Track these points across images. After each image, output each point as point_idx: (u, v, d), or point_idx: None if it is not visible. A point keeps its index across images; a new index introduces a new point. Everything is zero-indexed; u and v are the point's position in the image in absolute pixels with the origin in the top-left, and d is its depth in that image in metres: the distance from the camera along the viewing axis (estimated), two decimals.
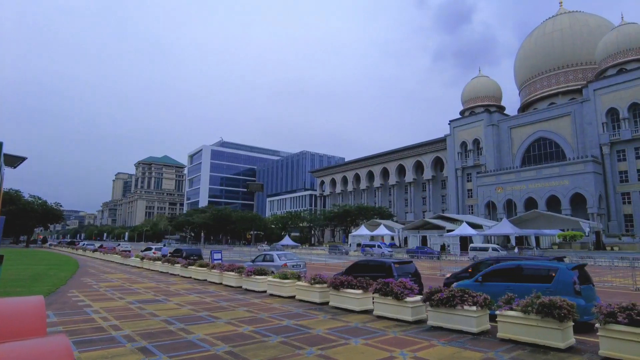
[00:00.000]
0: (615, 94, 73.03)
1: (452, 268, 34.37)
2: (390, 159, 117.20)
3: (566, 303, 8.40)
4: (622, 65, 76.20)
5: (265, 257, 24.90)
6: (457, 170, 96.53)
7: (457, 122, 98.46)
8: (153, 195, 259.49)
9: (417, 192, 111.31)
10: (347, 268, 17.45)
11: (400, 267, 16.01)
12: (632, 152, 71.26)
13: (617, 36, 77.85)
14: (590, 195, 69.63)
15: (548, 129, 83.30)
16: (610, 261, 37.35)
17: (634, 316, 7.40)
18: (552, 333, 8.42)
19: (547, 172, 75.96)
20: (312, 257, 49.98)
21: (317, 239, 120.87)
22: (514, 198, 78.39)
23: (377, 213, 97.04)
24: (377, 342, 9.16)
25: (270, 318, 12.05)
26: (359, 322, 11.42)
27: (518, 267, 12.07)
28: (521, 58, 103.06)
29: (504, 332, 9.23)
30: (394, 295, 11.57)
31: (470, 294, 10.20)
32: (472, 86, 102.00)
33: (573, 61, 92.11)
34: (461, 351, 8.42)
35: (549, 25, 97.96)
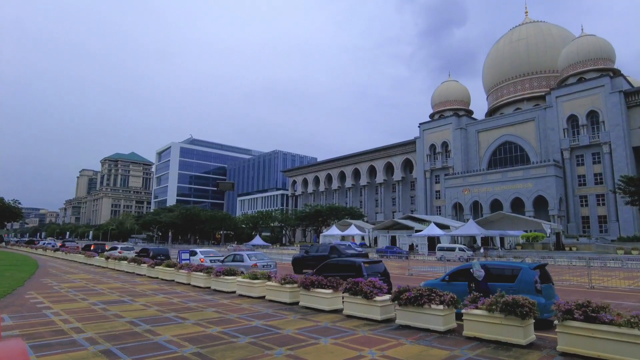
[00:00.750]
0: (575, 101, 76.41)
1: (420, 268, 35.03)
2: (361, 159, 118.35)
3: (528, 301, 8.71)
4: (581, 74, 79.81)
5: (234, 257, 24.61)
6: (426, 172, 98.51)
7: (427, 125, 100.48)
8: (119, 193, 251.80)
9: (387, 193, 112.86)
10: (318, 268, 17.48)
11: (370, 266, 16.20)
12: (590, 157, 74.73)
13: (577, 47, 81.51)
14: (551, 197, 72.53)
15: (513, 133, 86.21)
16: (569, 261, 39.01)
17: (589, 313, 7.77)
18: (515, 330, 8.72)
19: (512, 175, 78.59)
20: (283, 257, 49.76)
21: (289, 239, 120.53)
22: (480, 200, 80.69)
23: (348, 213, 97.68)
24: (346, 342, 9.22)
25: (239, 319, 11.92)
26: (329, 321, 11.47)
27: (484, 267, 12.42)
28: (489, 64, 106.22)
29: (469, 330, 9.48)
30: (364, 295, 11.68)
31: (438, 293, 10.42)
32: (441, 90, 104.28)
33: (537, 69, 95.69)
34: (428, 349, 8.59)
35: (515, 33, 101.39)
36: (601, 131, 72.73)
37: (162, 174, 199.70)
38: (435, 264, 38.83)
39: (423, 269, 33.62)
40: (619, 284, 22.48)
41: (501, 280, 11.60)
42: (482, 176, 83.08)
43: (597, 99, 73.57)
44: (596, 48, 79.35)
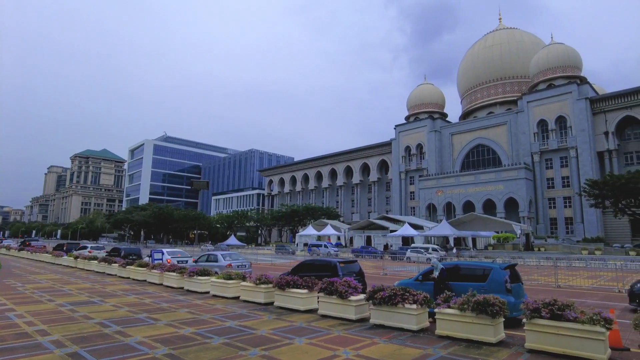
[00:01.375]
0: (545, 106, 78.93)
1: (394, 267, 35.45)
2: (338, 160, 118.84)
3: (498, 301, 8.95)
4: (551, 80, 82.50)
5: (208, 257, 24.29)
6: (401, 173, 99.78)
7: (402, 127, 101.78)
8: (90, 190, 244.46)
9: (363, 193, 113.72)
10: (293, 268, 17.45)
11: (345, 266, 16.27)
12: (558, 160, 77.36)
13: (548, 54, 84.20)
14: (522, 199, 74.68)
15: (486, 136, 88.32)
16: (537, 261, 40.26)
17: (555, 311, 8.05)
18: (485, 329, 8.94)
19: (484, 177, 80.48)
20: (259, 257, 49.45)
21: (264, 239, 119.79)
22: (453, 201, 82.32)
23: (324, 213, 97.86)
24: (321, 341, 9.24)
25: (213, 319, 11.78)
26: (304, 321, 11.46)
27: (456, 266, 12.70)
28: (463, 69, 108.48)
29: (441, 329, 9.66)
30: (339, 294, 11.73)
31: (411, 293, 10.57)
32: (417, 93, 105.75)
33: (510, 74, 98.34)
34: (402, 348, 8.70)
35: (489, 39, 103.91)
36: (569, 136, 75.38)
37: (135, 171, 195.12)
38: (408, 264, 39.38)
39: (397, 269, 34.04)
40: (583, 282, 23.39)
41: (473, 280, 11.86)
42: (455, 178, 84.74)
43: (565, 105, 76.21)
44: (564, 56, 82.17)
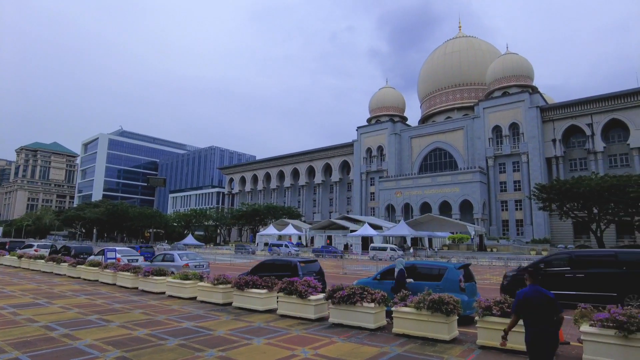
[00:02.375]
0: (499, 113, 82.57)
1: (354, 267, 35.90)
2: (301, 160, 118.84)
3: (452, 299, 9.27)
4: (505, 88, 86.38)
5: (164, 256, 23.62)
6: (362, 174, 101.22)
7: (364, 129, 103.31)
8: (38, 185, 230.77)
9: (325, 193, 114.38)
10: (253, 268, 17.29)
11: (306, 266, 16.30)
12: (511, 165, 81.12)
13: (503, 63, 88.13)
14: (476, 202, 77.71)
15: (444, 140, 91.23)
16: (490, 261, 42.05)
17: (505, 309, 8.45)
18: (440, 327, 9.23)
19: (441, 180, 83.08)
20: (217, 257, 48.59)
21: (223, 239, 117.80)
22: (411, 202, 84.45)
23: (286, 213, 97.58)
24: (279, 341, 9.21)
25: (169, 320, 11.46)
26: (263, 321, 11.38)
27: (413, 266, 13.03)
28: (424, 74, 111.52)
29: (398, 327, 9.87)
30: (299, 294, 11.74)
31: (369, 292, 10.74)
32: (379, 96, 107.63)
33: (468, 80, 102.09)
34: (359, 347, 8.83)
35: (449, 45, 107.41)
36: (520, 142, 79.21)
37: (88, 166, 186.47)
38: (368, 263, 39.99)
39: (357, 268, 34.47)
40: None
41: (429, 279, 12.22)
42: (414, 180, 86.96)
43: (518, 113, 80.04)
44: (518, 66, 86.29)
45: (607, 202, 54.42)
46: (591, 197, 54.93)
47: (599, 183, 54.19)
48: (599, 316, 7.58)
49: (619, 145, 73.71)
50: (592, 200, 55.40)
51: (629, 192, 50.84)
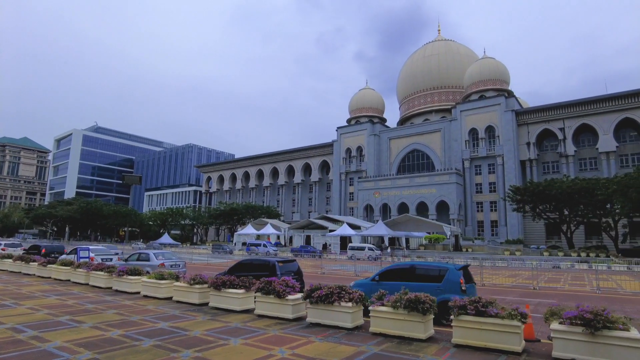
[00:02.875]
0: (476, 116, 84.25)
1: (332, 266, 36.02)
2: (280, 159, 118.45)
3: (429, 298, 9.41)
4: (482, 92, 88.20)
5: (140, 256, 23.17)
6: (342, 174, 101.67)
7: (344, 130, 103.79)
8: (6, 182, 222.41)
9: (304, 193, 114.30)
10: (230, 267, 17.15)
11: (284, 265, 16.27)
12: (486, 167, 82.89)
13: (480, 67, 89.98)
14: (452, 203, 79.07)
15: (422, 142, 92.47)
16: (465, 261, 42.73)
17: (479, 308, 8.64)
18: (416, 326, 9.36)
19: (418, 181, 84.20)
20: (194, 257, 47.96)
21: (200, 238, 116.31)
22: (389, 202, 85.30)
23: (264, 212, 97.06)
24: (256, 341, 9.16)
25: (143, 321, 11.24)
26: (240, 322, 11.30)
27: (412, 267, 12.93)
28: (403, 76, 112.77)
29: (375, 326, 9.96)
30: (276, 294, 11.70)
31: (347, 291, 10.79)
32: (358, 97, 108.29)
33: (446, 83, 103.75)
34: (336, 346, 8.87)
35: (428, 48, 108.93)
36: (496, 145, 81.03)
37: (61, 163, 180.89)
38: (346, 263, 40.19)
39: (335, 268, 34.61)
40: (504, 281, 25.29)
41: (428, 280, 11.97)
42: (392, 180, 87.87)
43: (494, 116, 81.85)
44: (494, 70, 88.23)
45: (577, 204, 56.34)
46: (562, 199, 56.76)
47: (570, 186, 56.05)
48: (568, 314, 7.83)
49: (588, 150, 76.26)
50: (563, 202, 57.25)
51: (597, 195, 52.74)
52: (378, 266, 37.20)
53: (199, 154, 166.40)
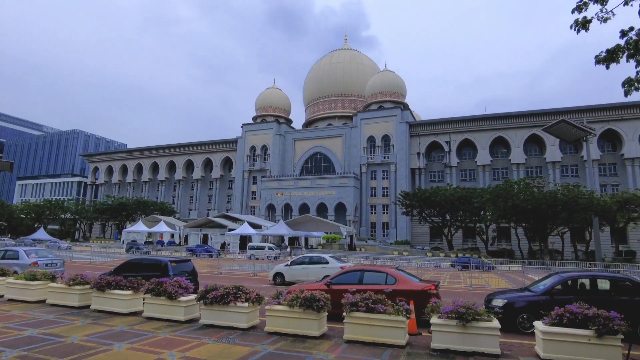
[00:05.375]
0: (374, 125, 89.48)
1: (230, 266, 35.27)
2: (179, 152, 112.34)
3: (324, 296, 9.73)
4: (381, 103, 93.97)
5: (5, 253, 20.25)
6: (245, 172, 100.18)
7: (249, 127, 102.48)
8: None
9: (204, 190, 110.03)
10: (117, 267, 15.86)
11: (177, 265, 15.52)
12: (381, 173, 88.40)
13: (380, 79, 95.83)
14: (350, 204, 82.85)
15: (324, 145, 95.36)
16: (358, 260, 45.04)
17: (370, 305, 9.18)
18: (310, 323, 9.62)
19: (320, 183, 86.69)
20: (75, 255, 43.34)
21: (83, 234, 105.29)
22: (291, 202, 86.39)
23: (158, 209, 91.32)
24: (144, 345, 8.61)
25: (6, 329, 9.84)
26: (126, 325, 10.50)
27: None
28: (310, 80, 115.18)
29: (271, 325, 10.01)
30: (168, 295, 11.13)
31: (244, 291, 10.67)
32: (265, 96, 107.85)
33: (349, 91, 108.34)
34: (230, 347, 8.72)
35: (335, 56, 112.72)
36: (390, 153, 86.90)
37: None
38: (245, 262, 39.68)
39: (233, 268, 33.98)
40: None
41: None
42: (295, 181, 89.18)
43: (390, 126, 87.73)
44: (393, 83, 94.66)
45: (457, 210, 62.99)
46: (445, 206, 63.05)
47: (452, 194, 62.61)
48: (446, 309, 8.73)
49: (469, 162, 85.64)
50: (446, 208, 63.59)
51: (473, 203, 59.65)
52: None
53: (85, 141, 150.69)
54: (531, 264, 36.79)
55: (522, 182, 54.25)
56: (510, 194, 51.40)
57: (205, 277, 22.78)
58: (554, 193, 49.58)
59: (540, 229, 53.01)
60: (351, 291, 10.61)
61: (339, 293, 11.35)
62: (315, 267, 22.39)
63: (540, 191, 51.42)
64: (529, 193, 50.53)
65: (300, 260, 23.79)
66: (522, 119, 79.98)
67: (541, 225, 52.32)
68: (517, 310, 11.11)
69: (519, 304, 11.26)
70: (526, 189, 51.75)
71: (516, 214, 52.10)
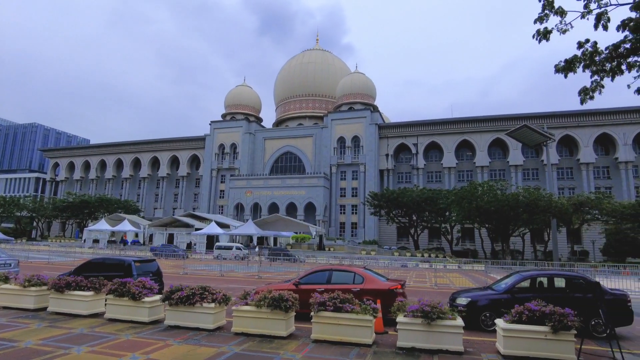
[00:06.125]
0: (345, 126, 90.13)
1: (196, 266, 34.63)
2: (144, 149, 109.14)
3: (292, 296, 9.71)
4: (351, 104, 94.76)
5: None
6: (213, 170, 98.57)
7: (218, 125, 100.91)
8: None
9: (170, 188, 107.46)
10: (77, 267, 15.30)
11: (142, 265, 15.14)
12: (350, 173, 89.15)
13: (351, 81, 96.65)
14: (319, 204, 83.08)
15: (295, 145, 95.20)
16: (327, 259, 45.32)
17: (337, 304, 9.24)
18: (278, 323, 9.58)
19: (290, 182, 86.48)
20: (31, 255, 41.39)
21: (41, 233, 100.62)
22: (260, 202, 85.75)
23: (122, 207, 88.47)
24: (105, 348, 8.32)
25: None
26: (86, 327, 10.13)
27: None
28: (280, 79, 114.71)
29: (238, 326, 9.90)
30: (131, 296, 10.81)
31: (210, 292, 10.51)
32: (235, 93, 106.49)
33: (320, 92, 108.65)
34: (196, 348, 8.57)
35: (306, 56, 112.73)
36: (360, 154, 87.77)
37: None
38: (211, 263, 39.07)
39: (199, 268, 33.39)
40: None
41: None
42: (265, 180, 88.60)
43: (360, 127, 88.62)
44: (363, 85, 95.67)
45: (423, 211, 64.35)
46: (412, 206, 64.27)
47: (419, 195, 63.91)
48: (411, 308, 8.89)
49: (435, 164, 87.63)
50: (412, 208, 64.83)
51: (439, 204, 61.12)
52: (245, 266, 37.04)
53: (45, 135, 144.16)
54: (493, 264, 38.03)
55: (486, 185, 56.00)
56: (475, 196, 52.96)
57: (170, 278, 22.28)
58: (516, 195, 51.49)
59: (502, 229, 54.89)
60: (319, 291, 10.65)
61: (307, 293, 11.34)
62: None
63: (503, 193, 53.25)
64: (493, 195, 52.24)
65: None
66: (487, 123, 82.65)
67: (503, 226, 54.19)
68: (480, 309, 11.47)
69: (481, 302, 11.63)
70: (490, 191, 53.47)
71: (480, 215, 53.73)
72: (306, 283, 12.78)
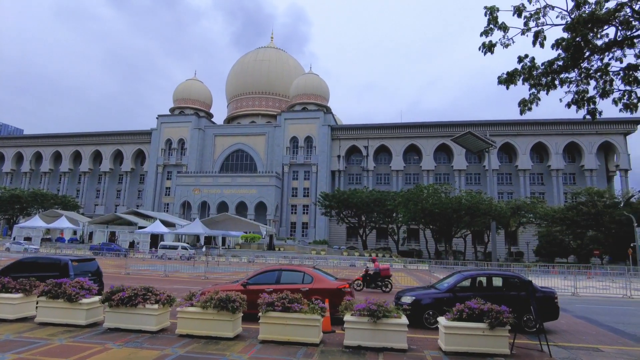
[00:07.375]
0: (298, 126, 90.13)
1: (139, 266, 33.20)
2: (86, 142, 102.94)
3: (239, 297, 9.57)
4: (305, 105, 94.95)
5: None
6: (159, 166, 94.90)
7: (166, 119, 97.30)
8: None
9: (112, 184, 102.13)
10: (5, 267, 14.14)
11: (79, 265, 14.25)
12: (302, 173, 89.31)
13: (305, 81, 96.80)
14: (270, 204, 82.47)
15: (247, 143, 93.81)
16: (277, 259, 45.12)
17: (286, 304, 9.23)
18: (225, 324, 9.40)
19: (240, 181, 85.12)
20: None
21: None
22: (209, 200, 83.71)
23: (59, 202, 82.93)
24: (35, 354, 7.76)
25: None
26: (13, 332, 9.39)
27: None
28: (233, 74, 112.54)
29: (182, 328, 9.60)
30: (67, 297, 10.16)
31: (154, 292, 10.12)
32: (184, 87, 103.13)
33: (274, 90, 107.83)
34: (137, 351, 8.21)
35: (260, 53, 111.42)
36: (312, 154, 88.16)
37: None
38: (155, 262, 37.64)
39: (142, 268, 32.07)
40: None
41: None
42: (214, 178, 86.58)
43: (313, 128, 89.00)
44: (317, 86, 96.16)
45: (372, 211, 65.88)
46: (361, 207, 65.58)
47: (368, 196, 65.39)
48: (358, 307, 9.06)
49: (384, 167, 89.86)
50: (362, 209, 66.15)
51: (387, 205, 62.83)
52: (191, 266, 35.98)
53: None
54: (437, 264, 39.65)
55: (431, 188, 58.27)
56: (420, 198, 54.95)
57: (111, 278, 21.21)
58: (459, 198, 54.02)
59: (446, 231, 57.35)
60: (268, 291, 10.57)
61: (256, 293, 11.20)
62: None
63: (447, 196, 55.69)
64: (437, 198, 54.47)
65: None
66: (433, 129, 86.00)
67: (447, 227, 56.65)
68: (423, 307, 11.90)
69: (425, 300, 12.07)
70: (434, 194, 55.70)
71: (425, 217, 55.82)
72: (255, 283, 12.63)
